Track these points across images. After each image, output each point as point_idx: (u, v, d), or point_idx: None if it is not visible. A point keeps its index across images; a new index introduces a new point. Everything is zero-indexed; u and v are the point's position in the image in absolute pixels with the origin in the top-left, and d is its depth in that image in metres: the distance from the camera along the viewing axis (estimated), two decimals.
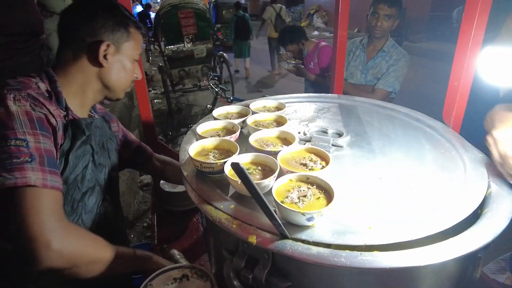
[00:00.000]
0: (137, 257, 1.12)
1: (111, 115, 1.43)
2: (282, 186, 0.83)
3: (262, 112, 1.28)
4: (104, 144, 1.25)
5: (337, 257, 0.67)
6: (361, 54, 2.58)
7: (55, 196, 0.94)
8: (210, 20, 6.17)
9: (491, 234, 0.74)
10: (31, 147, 0.91)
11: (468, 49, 1.14)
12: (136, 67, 1.24)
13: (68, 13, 1.13)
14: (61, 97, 1.08)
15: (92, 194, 1.15)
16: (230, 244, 0.84)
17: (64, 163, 1.06)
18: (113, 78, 1.17)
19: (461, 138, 1.16)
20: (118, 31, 1.14)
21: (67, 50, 1.12)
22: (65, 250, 0.88)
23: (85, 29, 1.10)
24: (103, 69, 1.13)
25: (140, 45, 1.24)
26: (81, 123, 1.12)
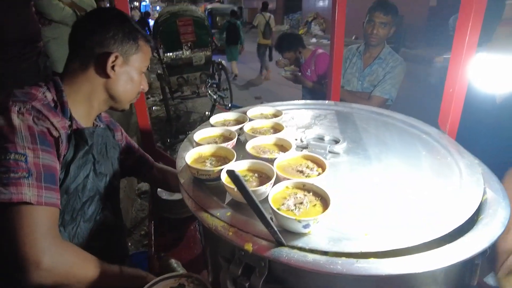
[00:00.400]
0: (130, 276, 1.11)
1: (116, 124, 1.44)
2: (278, 193, 0.83)
3: (259, 119, 1.29)
4: (106, 152, 1.25)
5: (333, 264, 0.66)
6: (357, 61, 2.60)
7: (50, 213, 0.94)
8: (208, 28, 6.22)
9: (487, 241, 0.74)
10: (30, 162, 0.92)
11: (462, 56, 1.16)
12: (143, 78, 1.26)
13: (80, 24, 1.15)
14: (66, 107, 1.09)
15: (92, 203, 1.15)
16: (226, 252, 0.84)
17: (65, 173, 1.06)
18: (120, 89, 1.18)
19: (456, 144, 1.16)
20: (127, 43, 1.15)
21: (76, 60, 1.13)
22: (54, 270, 0.89)
23: (95, 40, 1.11)
24: (110, 80, 1.14)
25: (149, 58, 1.25)
26: (84, 133, 1.12)
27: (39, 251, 0.87)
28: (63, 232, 1.08)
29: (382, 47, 2.50)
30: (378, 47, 2.50)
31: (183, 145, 1.17)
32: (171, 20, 5.84)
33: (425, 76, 8.05)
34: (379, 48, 2.50)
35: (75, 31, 1.15)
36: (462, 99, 1.24)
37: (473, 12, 1.09)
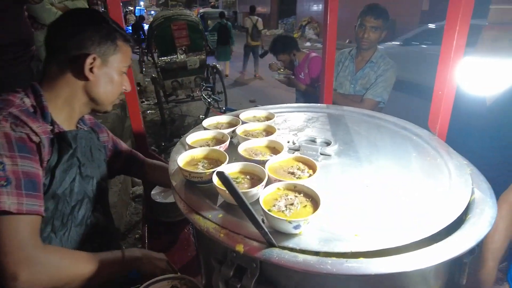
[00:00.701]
0: (126, 261, 1.11)
1: (100, 125, 1.43)
2: (269, 195, 0.84)
3: (252, 122, 1.30)
4: (91, 155, 1.24)
5: (323, 264, 0.67)
6: (350, 65, 2.63)
7: (31, 221, 0.93)
8: (203, 32, 6.23)
9: (474, 239, 0.76)
10: (8, 170, 0.91)
11: (450, 59, 1.18)
12: (125, 79, 1.23)
13: (54, 26, 1.12)
14: (46, 111, 1.07)
15: (81, 206, 1.15)
16: (219, 253, 0.84)
17: (50, 178, 1.05)
18: (100, 92, 1.15)
19: (446, 145, 1.18)
20: (105, 44, 1.13)
21: (53, 64, 1.11)
22: (35, 280, 0.89)
23: (71, 42, 1.09)
24: (89, 82, 1.12)
25: (129, 58, 1.23)
26: (67, 136, 1.11)
27: (17, 262, 0.87)
28: (54, 239, 1.07)
29: (374, 50, 2.53)
30: (370, 51, 2.53)
31: (175, 148, 1.18)
32: (165, 24, 5.84)
33: None
34: (371, 51, 2.53)
35: (50, 33, 1.12)
36: (451, 101, 1.26)
37: (460, 16, 1.11)
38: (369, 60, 2.52)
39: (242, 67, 11.04)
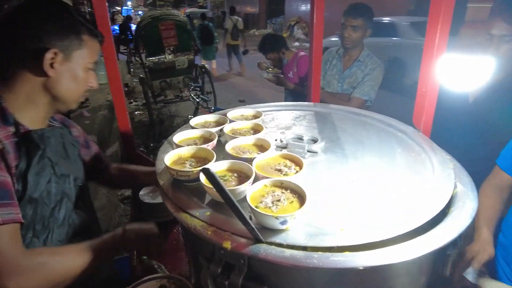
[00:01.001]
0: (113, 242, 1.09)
1: (69, 120, 1.36)
2: (257, 192, 0.85)
3: (240, 121, 1.30)
4: (66, 151, 1.19)
5: (309, 258, 0.68)
6: (337, 64, 2.65)
7: (10, 230, 0.90)
8: (191, 32, 6.21)
9: (456, 231, 0.78)
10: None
11: (433, 57, 1.20)
12: (91, 75, 1.14)
13: (9, 17, 1.00)
14: (7, 113, 0.99)
15: (61, 207, 1.10)
16: (207, 251, 0.84)
17: (23, 183, 0.99)
18: (62, 89, 1.06)
19: (430, 141, 1.21)
20: (67, 38, 1.03)
21: (10, 60, 1.01)
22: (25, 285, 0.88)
23: (28, 35, 0.99)
24: (50, 79, 1.03)
25: (96, 53, 1.14)
26: (32, 137, 1.03)
27: (3, 275, 0.85)
28: (38, 243, 1.03)
29: (361, 49, 2.56)
30: (357, 50, 2.55)
31: (163, 147, 1.17)
32: (153, 24, 5.81)
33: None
34: (358, 50, 2.55)
35: (5, 25, 1.00)
36: (435, 97, 1.29)
37: (442, 16, 1.14)
38: (356, 59, 2.55)
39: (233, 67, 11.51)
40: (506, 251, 1.42)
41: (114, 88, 1.69)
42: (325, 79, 2.69)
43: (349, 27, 2.44)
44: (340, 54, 2.67)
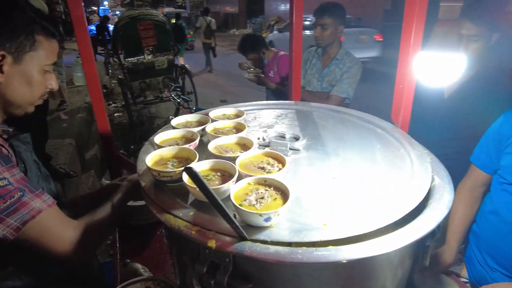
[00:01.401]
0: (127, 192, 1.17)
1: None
2: (241, 190, 0.85)
3: (222, 120, 1.30)
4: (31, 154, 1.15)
5: (293, 254, 0.69)
6: (317, 63, 2.69)
7: (55, 211, 0.98)
8: (170, 32, 6.14)
9: (434, 222, 0.80)
10: (13, 183, 0.89)
11: (409, 54, 1.24)
12: (49, 77, 1.05)
13: None
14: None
15: None
16: (191, 251, 0.84)
17: None
18: (15, 93, 0.98)
19: (408, 136, 1.24)
20: (17, 39, 0.94)
21: None
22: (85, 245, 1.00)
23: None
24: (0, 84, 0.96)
25: (54, 54, 1.05)
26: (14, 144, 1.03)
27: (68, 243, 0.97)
28: None
29: (339, 48, 2.60)
30: (334, 48, 2.59)
31: (144, 148, 1.16)
32: (131, 24, 5.70)
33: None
34: (335, 49, 2.59)
35: None
36: (412, 94, 1.33)
37: (416, 14, 1.17)
38: (334, 58, 2.59)
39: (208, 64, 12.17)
40: (478, 238, 1.47)
41: (92, 90, 1.65)
42: (305, 78, 2.72)
43: (319, 26, 2.50)
44: (319, 53, 2.70)
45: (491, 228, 1.43)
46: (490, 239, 1.42)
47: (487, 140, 1.47)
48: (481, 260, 1.46)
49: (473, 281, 1.50)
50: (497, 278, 1.39)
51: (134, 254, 1.54)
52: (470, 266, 1.53)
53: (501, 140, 1.40)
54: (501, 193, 1.40)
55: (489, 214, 1.45)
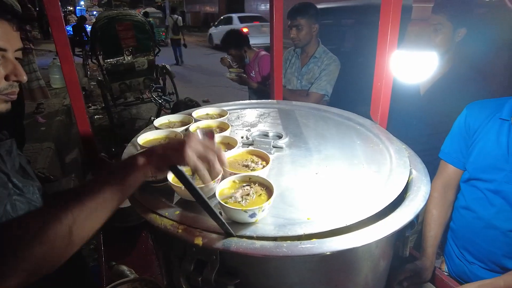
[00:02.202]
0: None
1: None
2: (226, 188, 0.86)
3: (205, 120, 1.31)
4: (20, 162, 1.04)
5: (279, 248, 0.71)
6: (296, 62, 2.73)
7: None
8: (150, 32, 6.07)
9: (413, 213, 0.84)
10: None
11: (386, 53, 1.28)
12: (12, 67, 0.90)
13: None
14: None
15: None
16: (178, 250, 0.85)
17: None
18: None
19: (386, 132, 1.28)
20: None
21: None
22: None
23: None
24: None
25: (5, 36, 0.88)
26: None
27: None
28: None
29: (317, 46, 2.64)
30: (312, 47, 2.63)
31: (127, 149, 1.16)
32: (109, 25, 5.60)
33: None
34: (314, 47, 2.64)
35: None
36: (389, 91, 1.37)
37: (392, 14, 1.22)
38: (312, 56, 2.63)
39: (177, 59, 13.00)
40: (455, 234, 1.52)
41: (72, 92, 1.62)
42: (285, 77, 2.75)
43: (294, 28, 2.55)
44: (297, 53, 2.74)
45: (466, 224, 1.45)
46: (465, 235, 1.45)
47: (455, 135, 1.49)
48: (459, 255, 1.50)
49: (453, 275, 1.53)
50: (475, 271, 1.43)
51: (120, 256, 1.53)
52: (450, 261, 1.57)
53: (468, 132, 1.43)
54: (470, 189, 1.44)
55: (463, 209, 1.48)
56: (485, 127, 1.38)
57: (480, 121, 1.39)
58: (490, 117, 1.37)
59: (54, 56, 7.14)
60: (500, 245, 1.36)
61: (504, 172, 1.30)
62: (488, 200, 1.36)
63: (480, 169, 1.38)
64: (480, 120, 1.39)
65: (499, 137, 1.32)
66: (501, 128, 1.33)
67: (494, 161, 1.32)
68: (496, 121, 1.35)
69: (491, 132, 1.35)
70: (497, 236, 1.35)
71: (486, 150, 1.35)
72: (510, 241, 1.34)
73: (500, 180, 1.31)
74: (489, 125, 1.37)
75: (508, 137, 1.30)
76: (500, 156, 1.31)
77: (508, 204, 1.31)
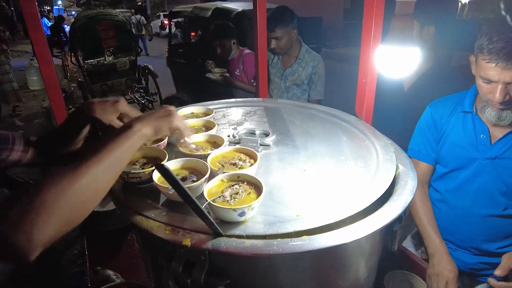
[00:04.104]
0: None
1: None
2: (214, 187, 0.85)
3: (191, 119, 1.29)
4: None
5: (269, 246, 0.70)
6: (278, 62, 2.72)
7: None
8: (131, 32, 5.97)
9: (401, 207, 0.85)
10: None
11: (370, 49, 1.28)
12: None
13: None
14: None
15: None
16: (166, 252, 0.83)
17: None
18: None
19: (372, 128, 1.29)
20: None
21: None
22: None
23: None
24: None
25: None
26: None
27: None
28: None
29: (300, 47, 2.64)
30: (295, 49, 2.62)
31: None
32: (89, 25, 5.49)
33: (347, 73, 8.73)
34: (296, 50, 2.62)
35: None
36: (374, 87, 1.38)
37: (375, 10, 1.22)
38: (296, 57, 2.62)
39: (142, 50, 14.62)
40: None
41: (52, 93, 1.57)
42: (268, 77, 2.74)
43: (273, 39, 2.50)
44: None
45: (443, 216, 1.50)
46: (444, 226, 1.48)
47: (422, 132, 1.54)
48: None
49: None
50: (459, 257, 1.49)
51: (105, 261, 1.49)
52: None
53: (436, 128, 1.50)
54: (443, 181, 1.49)
55: (439, 202, 1.54)
56: (450, 122, 1.45)
57: (445, 117, 1.47)
58: (452, 111, 1.45)
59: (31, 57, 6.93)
60: (478, 231, 1.42)
61: (477, 161, 1.37)
62: (464, 190, 1.42)
63: (453, 161, 1.44)
64: (445, 116, 1.47)
65: (465, 128, 1.40)
66: (465, 120, 1.41)
67: (465, 152, 1.40)
68: (459, 114, 1.43)
69: (456, 126, 1.44)
70: (475, 222, 1.41)
71: (455, 143, 1.43)
72: (487, 226, 1.40)
73: (474, 169, 1.38)
74: (453, 119, 1.45)
75: (474, 127, 1.38)
76: (469, 146, 1.39)
77: (483, 191, 1.37)
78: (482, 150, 1.36)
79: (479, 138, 1.37)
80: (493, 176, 1.35)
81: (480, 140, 1.36)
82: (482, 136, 1.36)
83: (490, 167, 1.35)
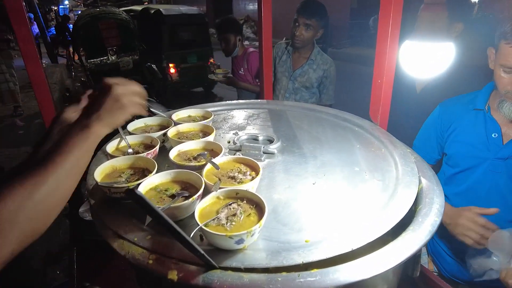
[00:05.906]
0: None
1: None
2: (208, 206, 0.72)
3: (186, 123, 1.16)
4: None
5: (272, 283, 0.58)
6: (287, 60, 2.57)
7: None
8: (135, 31, 5.88)
9: (427, 232, 0.72)
10: None
11: (387, 47, 1.15)
12: None
13: None
14: None
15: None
16: (151, 282, 0.71)
17: None
18: None
19: (389, 134, 1.16)
20: None
21: None
22: None
23: None
24: None
25: None
26: None
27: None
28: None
29: (312, 47, 2.49)
30: (307, 49, 2.47)
31: (95, 159, 1.00)
32: (92, 24, 5.40)
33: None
34: (309, 49, 2.48)
35: None
36: (390, 88, 1.25)
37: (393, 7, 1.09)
38: (308, 58, 2.48)
39: None
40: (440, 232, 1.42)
41: (39, 92, 1.46)
42: (274, 75, 2.60)
43: (302, 26, 2.35)
44: (289, 51, 2.58)
45: None
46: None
47: (427, 131, 1.50)
48: (449, 252, 1.43)
49: (447, 275, 1.45)
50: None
51: (94, 274, 1.38)
52: (440, 260, 1.49)
53: (442, 129, 1.44)
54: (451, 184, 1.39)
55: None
56: (461, 121, 1.38)
57: (456, 116, 1.40)
58: (464, 110, 1.39)
59: None
60: None
61: (488, 161, 1.28)
62: (475, 192, 1.34)
63: (463, 161, 1.36)
64: (456, 114, 1.40)
65: (476, 127, 1.33)
66: (477, 118, 1.34)
67: (475, 151, 1.32)
68: (471, 112, 1.36)
69: (468, 124, 1.36)
70: None
71: (466, 141, 1.36)
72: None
73: (485, 169, 1.30)
74: (465, 117, 1.38)
75: (485, 125, 1.31)
76: (480, 145, 1.30)
77: (496, 193, 1.28)
78: (494, 149, 1.26)
79: (490, 137, 1.28)
80: (506, 177, 1.25)
81: (491, 139, 1.28)
82: (494, 135, 1.28)
83: (502, 167, 1.25)
